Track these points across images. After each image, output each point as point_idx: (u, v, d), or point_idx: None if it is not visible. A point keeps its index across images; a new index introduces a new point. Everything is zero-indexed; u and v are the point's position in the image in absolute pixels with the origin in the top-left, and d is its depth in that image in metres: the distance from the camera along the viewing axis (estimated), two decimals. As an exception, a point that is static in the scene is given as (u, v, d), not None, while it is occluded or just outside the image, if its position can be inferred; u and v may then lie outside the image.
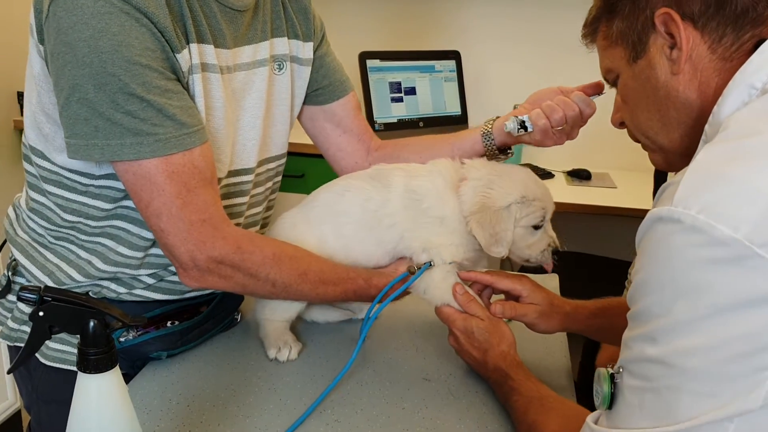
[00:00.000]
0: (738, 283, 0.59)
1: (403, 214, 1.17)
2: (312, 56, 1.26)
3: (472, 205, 1.13)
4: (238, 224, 1.19)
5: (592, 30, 0.91)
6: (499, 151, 1.29)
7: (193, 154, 0.96)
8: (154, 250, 1.09)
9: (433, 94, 2.88)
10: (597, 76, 0.93)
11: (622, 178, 2.78)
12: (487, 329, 1.11)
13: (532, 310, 1.13)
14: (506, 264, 3.00)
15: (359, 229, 1.18)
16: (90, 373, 0.67)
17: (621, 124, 0.93)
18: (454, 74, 2.95)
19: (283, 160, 1.28)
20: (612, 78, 0.90)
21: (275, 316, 1.22)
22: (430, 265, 1.15)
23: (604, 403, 0.71)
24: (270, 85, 1.17)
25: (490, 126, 1.28)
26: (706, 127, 0.74)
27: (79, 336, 0.67)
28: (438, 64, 2.91)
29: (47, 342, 0.82)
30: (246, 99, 1.12)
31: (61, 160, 1.02)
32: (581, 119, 1.17)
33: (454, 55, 2.96)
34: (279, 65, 1.18)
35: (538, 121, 1.15)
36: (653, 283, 0.65)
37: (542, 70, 3.00)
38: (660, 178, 1.31)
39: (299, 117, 1.36)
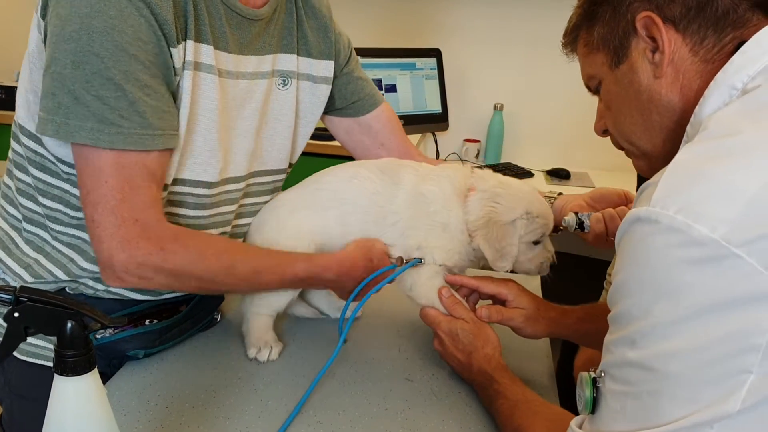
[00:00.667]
0: (716, 284, 0.58)
1: (407, 213, 1.17)
2: (331, 75, 1.25)
3: (478, 218, 1.13)
4: (224, 233, 1.18)
5: (572, 38, 0.91)
6: None
7: (149, 156, 0.94)
8: None
9: (413, 92, 2.88)
10: (578, 75, 0.93)
11: (600, 177, 2.79)
12: (471, 332, 1.10)
13: (518, 314, 1.12)
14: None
15: (364, 220, 1.18)
16: (67, 375, 0.65)
17: (604, 132, 0.93)
18: (435, 72, 2.95)
19: (282, 176, 1.26)
20: (594, 85, 0.90)
21: (262, 309, 1.20)
22: (421, 262, 1.16)
23: (586, 407, 0.71)
24: (269, 99, 1.15)
25: (550, 203, 1.28)
26: (688, 127, 0.74)
27: (56, 337, 0.65)
28: (419, 62, 2.90)
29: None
30: (245, 108, 1.11)
31: (49, 143, 1.00)
32: None
33: (435, 53, 2.95)
34: (284, 81, 1.17)
35: (597, 226, 1.17)
36: (632, 284, 0.65)
37: (523, 70, 3.01)
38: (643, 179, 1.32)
39: (335, 133, 1.36)
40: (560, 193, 1.32)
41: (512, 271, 1.20)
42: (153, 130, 0.94)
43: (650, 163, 0.87)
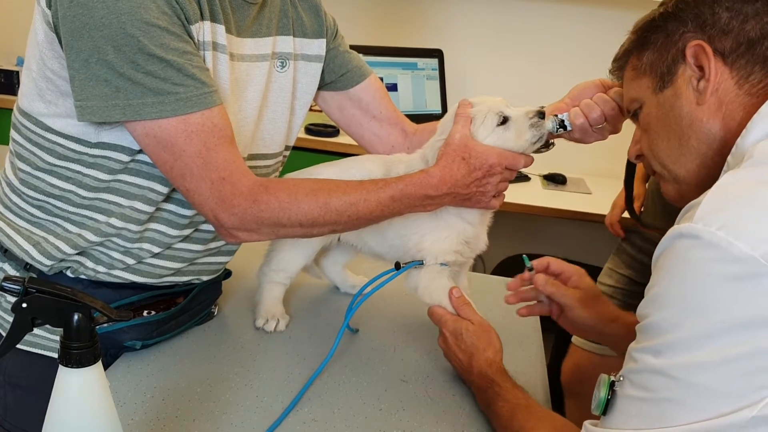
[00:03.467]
0: (751, 301, 0.60)
1: None
2: (323, 53, 1.26)
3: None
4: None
5: (622, 63, 0.93)
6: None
7: (212, 112, 0.97)
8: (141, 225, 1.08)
9: (414, 91, 2.88)
10: (575, 76, 0.94)
11: (597, 184, 2.81)
12: (475, 333, 1.12)
13: (572, 293, 1.13)
14: (479, 265, 3.02)
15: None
16: (72, 367, 0.65)
17: (638, 157, 0.95)
18: (436, 72, 2.96)
19: (280, 159, 1.27)
20: (635, 108, 0.92)
21: (277, 277, 1.27)
22: (421, 263, 1.17)
23: (598, 407, 0.73)
24: (269, 82, 1.16)
25: None
26: (729, 158, 0.75)
27: (62, 329, 0.65)
28: (420, 61, 2.91)
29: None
30: (247, 91, 1.12)
31: (60, 126, 1.01)
32: (621, 115, 1.16)
33: (437, 54, 2.96)
34: (282, 63, 1.18)
35: (577, 120, 1.15)
36: (667, 297, 0.67)
37: (523, 74, 3.02)
38: (630, 184, 1.32)
39: (327, 111, 1.37)
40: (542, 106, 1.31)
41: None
42: (208, 87, 0.96)
43: (680, 188, 0.88)
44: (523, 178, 2.73)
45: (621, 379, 0.71)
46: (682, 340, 0.64)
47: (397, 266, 1.18)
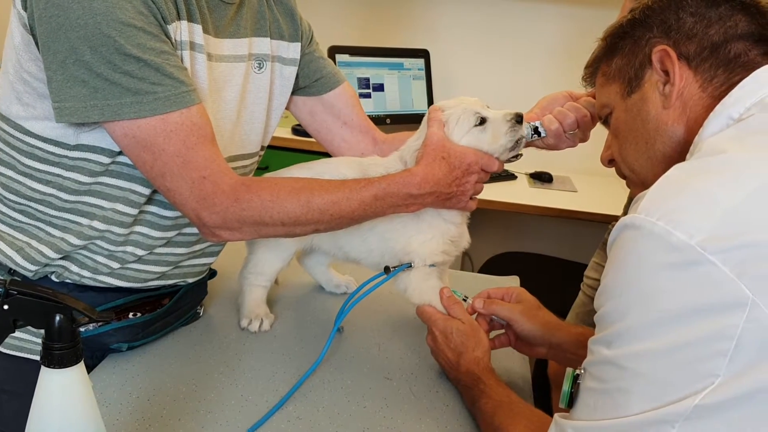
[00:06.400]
0: (690, 289, 0.62)
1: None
2: (298, 56, 1.27)
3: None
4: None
5: (593, 70, 0.96)
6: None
7: (191, 111, 0.97)
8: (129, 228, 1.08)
9: (401, 91, 2.90)
10: (564, 78, 0.96)
11: (582, 182, 2.83)
12: (465, 333, 1.13)
13: (513, 307, 1.15)
14: (467, 263, 3.04)
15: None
16: (54, 368, 0.66)
17: (610, 162, 0.97)
18: (423, 73, 2.97)
19: (256, 159, 1.28)
20: (605, 114, 0.94)
21: (257, 280, 1.27)
22: (410, 266, 1.18)
23: (563, 400, 0.76)
24: (246, 82, 1.17)
25: None
26: (688, 155, 0.77)
27: (43, 330, 0.66)
28: (407, 62, 2.92)
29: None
30: (225, 91, 1.13)
31: (39, 128, 1.01)
32: (592, 122, 1.19)
33: (423, 54, 2.97)
34: (259, 64, 1.19)
35: (551, 125, 1.18)
36: (614, 287, 0.69)
37: (509, 74, 3.04)
38: None
39: (299, 116, 1.37)
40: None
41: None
42: (186, 86, 0.96)
43: None
44: (510, 176, 2.75)
45: (583, 371, 0.73)
46: (629, 330, 0.66)
47: (387, 270, 1.19)
